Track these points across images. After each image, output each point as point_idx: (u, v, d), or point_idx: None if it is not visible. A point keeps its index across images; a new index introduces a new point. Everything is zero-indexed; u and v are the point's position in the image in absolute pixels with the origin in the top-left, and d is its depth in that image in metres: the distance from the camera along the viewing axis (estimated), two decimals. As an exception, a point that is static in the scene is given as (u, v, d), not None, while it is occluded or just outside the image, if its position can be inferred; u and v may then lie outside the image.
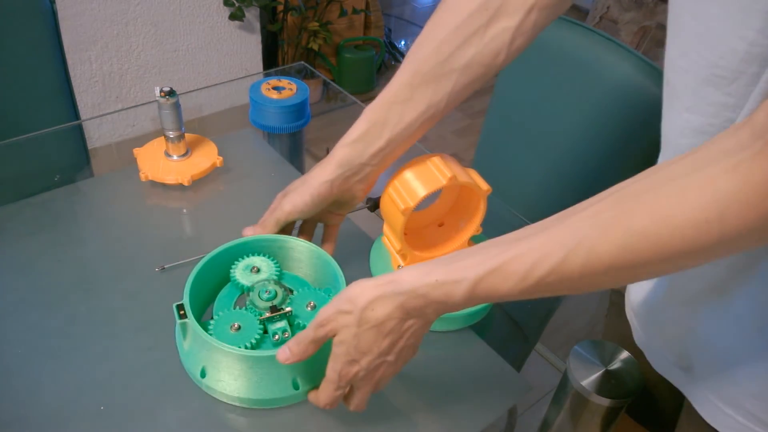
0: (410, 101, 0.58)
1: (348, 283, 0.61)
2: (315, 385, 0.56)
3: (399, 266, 0.67)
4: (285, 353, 0.52)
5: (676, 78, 0.46)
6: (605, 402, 0.52)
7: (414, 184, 0.61)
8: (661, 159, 0.54)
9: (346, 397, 0.54)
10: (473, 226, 0.67)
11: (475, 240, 0.70)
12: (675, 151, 0.49)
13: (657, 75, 0.85)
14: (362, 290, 0.47)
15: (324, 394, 0.52)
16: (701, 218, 0.34)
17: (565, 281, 0.40)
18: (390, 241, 0.67)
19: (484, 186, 0.63)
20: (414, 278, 0.46)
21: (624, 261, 0.37)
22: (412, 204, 0.60)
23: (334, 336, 0.50)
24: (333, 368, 0.50)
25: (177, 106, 0.81)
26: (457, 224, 0.70)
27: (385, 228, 0.67)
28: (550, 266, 0.40)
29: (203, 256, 0.63)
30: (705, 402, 0.55)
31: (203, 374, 0.58)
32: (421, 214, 0.71)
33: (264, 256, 0.66)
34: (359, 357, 0.48)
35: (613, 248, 0.37)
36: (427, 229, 0.71)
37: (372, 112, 0.60)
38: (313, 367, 0.56)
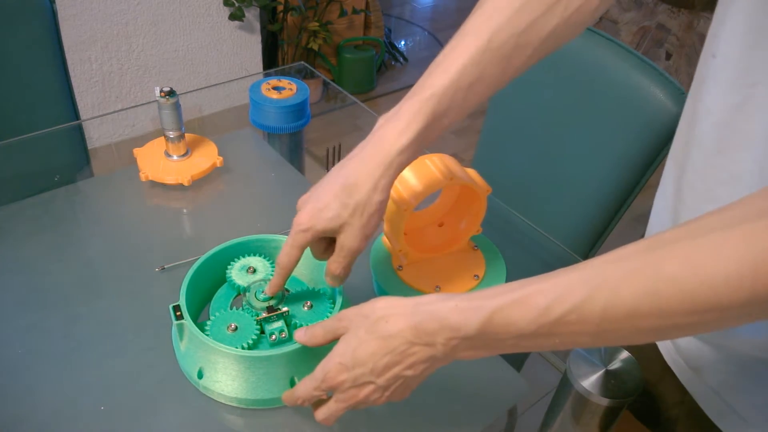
0: (476, 84, 0.50)
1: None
2: None
3: (399, 267, 0.67)
4: (300, 332, 0.53)
5: (743, 52, 0.43)
6: (605, 402, 0.52)
7: (414, 184, 0.61)
8: (692, 132, 0.51)
9: (318, 404, 0.52)
10: (473, 226, 0.67)
11: (474, 240, 0.70)
12: (719, 125, 0.46)
13: (657, 75, 0.85)
14: (387, 304, 0.47)
15: (303, 387, 0.51)
16: (734, 272, 0.33)
17: (585, 323, 0.38)
18: (390, 241, 0.67)
19: (484, 186, 0.63)
20: (434, 300, 0.45)
21: (648, 308, 0.36)
22: (412, 204, 0.60)
23: (343, 334, 0.49)
24: (323, 366, 0.49)
25: (177, 106, 0.81)
26: (457, 224, 0.70)
27: (385, 228, 0.67)
28: (572, 304, 0.38)
29: (199, 257, 0.63)
30: (711, 401, 0.55)
31: (200, 375, 0.58)
32: (421, 214, 0.71)
33: (260, 256, 0.66)
34: (352, 366, 0.47)
35: (637, 291, 0.36)
36: (427, 229, 0.71)
37: (433, 103, 0.50)
38: (311, 367, 0.56)
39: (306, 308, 0.61)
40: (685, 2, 2.32)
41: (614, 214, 0.96)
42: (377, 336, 0.46)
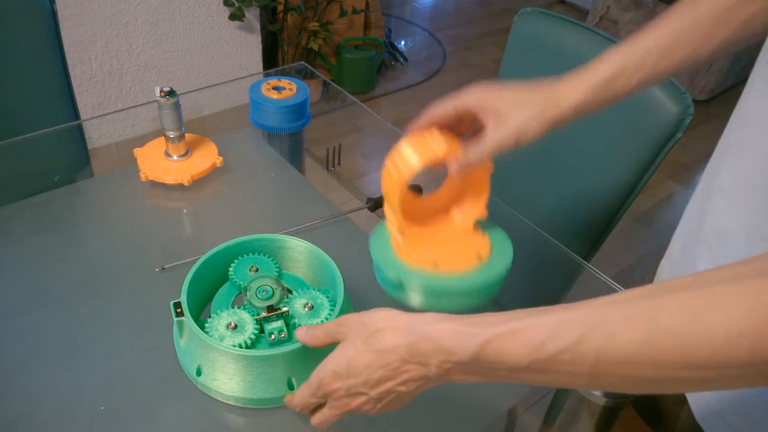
0: (671, 51, 0.53)
1: (345, 283, 0.61)
2: None
3: (398, 242, 0.66)
4: (301, 330, 0.53)
5: None
6: (605, 402, 0.52)
7: (410, 156, 0.60)
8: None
9: (314, 410, 0.53)
10: (478, 206, 0.67)
11: (483, 227, 0.69)
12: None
13: (657, 75, 0.85)
14: (386, 316, 0.47)
15: (299, 395, 0.52)
16: (734, 329, 0.31)
17: (578, 364, 0.37)
18: (387, 214, 0.66)
19: (487, 162, 0.62)
20: (432, 320, 0.45)
21: (643, 357, 0.34)
22: (407, 175, 0.59)
23: (341, 341, 0.49)
24: (317, 374, 0.50)
25: (177, 106, 0.81)
26: (461, 205, 0.69)
27: (386, 207, 0.67)
28: (566, 343, 0.37)
29: (200, 256, 0.63)
30: (716, 426, 0.55)
31: (199, 373, 0.58)
32: (425, 200, 0.71)
33: (263, 255, 0.66)
34: (346, 375, 0.47)
35: (634, 338, 0.34)
36: (432, 216, 0.71)
37: (622, 56, 0.55)
38: (309, 368, 0.56)
39: (306, 309, 0.61)
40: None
41: (614, 214, 0.96)
42: (372, 349, 0.46)
